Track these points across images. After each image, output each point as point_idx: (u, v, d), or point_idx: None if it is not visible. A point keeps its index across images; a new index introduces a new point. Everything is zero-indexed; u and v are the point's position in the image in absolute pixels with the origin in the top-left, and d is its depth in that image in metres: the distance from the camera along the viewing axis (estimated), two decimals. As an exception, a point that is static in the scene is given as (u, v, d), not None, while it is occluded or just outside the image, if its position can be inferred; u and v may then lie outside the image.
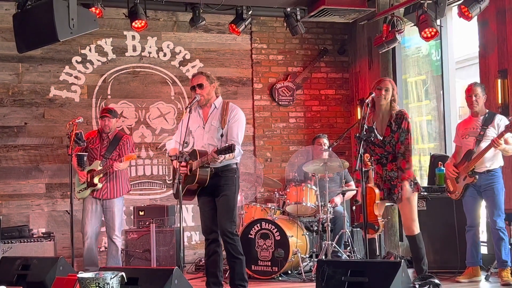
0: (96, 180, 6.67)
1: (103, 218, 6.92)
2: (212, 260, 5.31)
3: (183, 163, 5.09)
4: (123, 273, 3.98)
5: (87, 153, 6.74)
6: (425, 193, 6.65)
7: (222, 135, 5.24)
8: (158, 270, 4.73)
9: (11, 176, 7.68)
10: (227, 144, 5.00)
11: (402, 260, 4.33)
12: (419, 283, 4.60)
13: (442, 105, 7.65)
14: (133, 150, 6.94)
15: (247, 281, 5.32)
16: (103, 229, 7.10)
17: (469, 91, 5.97)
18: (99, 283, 3.85)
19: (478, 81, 6.61)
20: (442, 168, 6.55)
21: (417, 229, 5.50)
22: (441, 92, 7.67)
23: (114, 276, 3.89)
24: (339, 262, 4.72)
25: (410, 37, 8.15)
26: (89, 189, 6.71)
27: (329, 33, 9.04)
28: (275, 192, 7.29)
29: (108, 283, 3.87)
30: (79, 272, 4.27)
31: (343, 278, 4.29)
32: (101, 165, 6.71)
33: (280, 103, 8.75)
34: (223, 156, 4.97)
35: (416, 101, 8.35)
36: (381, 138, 5.35)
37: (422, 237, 6.03)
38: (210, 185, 5.23)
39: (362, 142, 4.94)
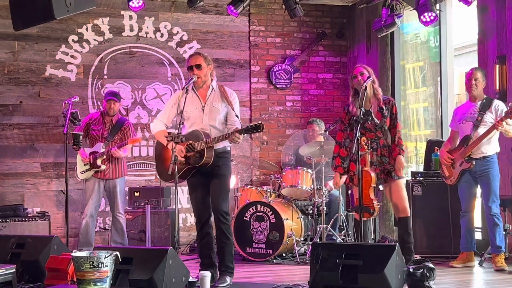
0: (99, 161, 6.74)
1: (102, 198, 7.03)
2: (205, 242, 5.31)
3: (182, 144, 5.05)
4: (117, 253, 3.98)
5: (82, 133, 6.77)
6: (421, 178, 6.65)
7: (235, 116, 5.23)
8: (153, 250, 4.74)
9: (6, 155, 7.67)
10: (253, 124, 5.00)
11: (397, 244, 4.35)
12: (413, 267, 4.60)
13: (440, 92, 7.63)
14: (135, 135, 7.00)
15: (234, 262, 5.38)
16: (100, 209, 7.18)
17: (470, 75, 5.99)
18: (93, 262, 3.85)
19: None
20: (438, 153, 6.54)
21: (409, 211, 5.53)
22: (439, 78, 7.65)
23: (108, 256, 3.89)
24: (334, 245, 4.74)
25: (408, 23, 8.11)
26: (92, 170, 6.76)
27: (328, 17, 8.99)
28: (271, 175, 7.27)
29: (102, 262, 3.87)
30: (73, 251, 4.27)
31: (337, 261, 4.30)
32: (103, 147, 6.80)
33: (277, 86, 8.72)
34: (243, 136, 5.02)
35: (414, 87, 8.33)
36: (378, 122, 5.34)
37: (417, 222, 6.05)
38: (208, 167, 5.19)
39: (358, 125, 4.92)
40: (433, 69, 7.93)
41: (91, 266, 3.84)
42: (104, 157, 6.78)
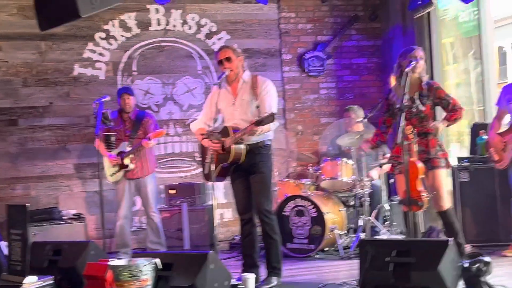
0: (127, 161, 6.57)
1: (135, 198, 6.90)
2: (248, 241, 5.17)
3: (215, 141, 4.90)
4: (157, 260, 3.82)
5: (115, 133, 6.64)
6: (467, 164, 6.38)
7: (257, 106, 5.01)
8: (193, 255, 4.56)
9: (38, 157, 7.56)
10: (266, 114, 4.75)
11: (451, 239, 4.10)
12: (469, 261, 4.34)
13: (480, 69, 7.30)
14: (157, 127, 6.81)
15: (281, 262, 5.20)
16: (135, 209, 7.11)
17: None
18: (132, 271, 3.69)
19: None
20: (484, 137, 6.25)
21: (447, 204, 5.23)
22: (469, 54, 7.31)
23: (147, 263, 3.73)
24: (383, 242, 4.51)
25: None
26: (122, 171, 6.61)
27: (360, -1, 8.71)
28: (309, 167, 7.05)
29: (141, 271, 3.71)
30: (110, 259, 4.12)
31: (388, 259, 4.08)
32: (129, 146, 6.61)
33: (310, 73, 8.46)
34: (261, 127, 4.76)
35: (445, 64, 7.98)
36: (424, 109, 5.06)
37: (466, 210, 5.78)
38: (244, 163, 5.03)
39: (403, 113, 4.66)
40: (463, 45, 7.59)
41: (130, 276, 3.68)
42: (131, 155, 6.61)
